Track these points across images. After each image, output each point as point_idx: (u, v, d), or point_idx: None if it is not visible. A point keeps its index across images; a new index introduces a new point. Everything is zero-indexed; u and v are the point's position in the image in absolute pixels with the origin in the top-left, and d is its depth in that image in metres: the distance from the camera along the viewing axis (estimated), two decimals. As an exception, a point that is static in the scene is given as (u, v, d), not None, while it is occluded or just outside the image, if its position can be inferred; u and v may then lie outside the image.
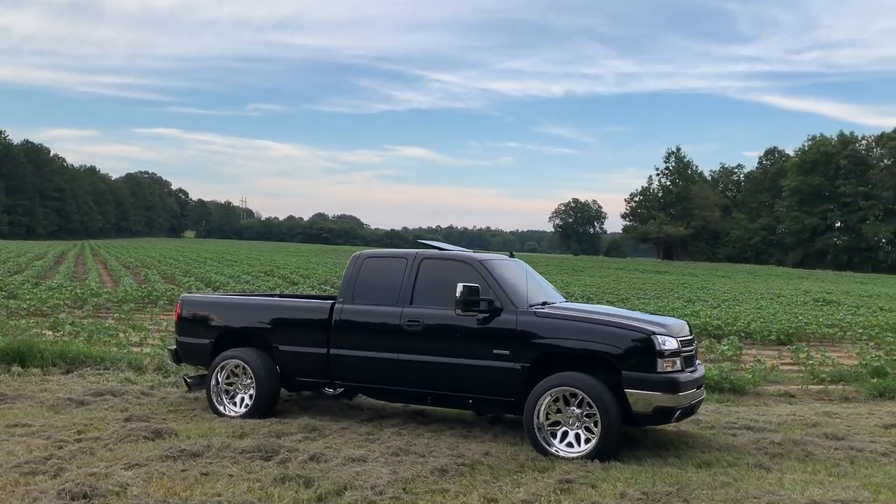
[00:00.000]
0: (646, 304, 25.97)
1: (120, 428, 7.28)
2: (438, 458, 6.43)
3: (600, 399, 6.66)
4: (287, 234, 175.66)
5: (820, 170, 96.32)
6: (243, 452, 6.41)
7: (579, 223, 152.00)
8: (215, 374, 8.43)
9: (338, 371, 8.03)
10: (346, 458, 6.32)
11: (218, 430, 7.42)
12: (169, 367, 10.98)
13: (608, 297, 29.98)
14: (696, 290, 39.02)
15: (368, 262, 8.24)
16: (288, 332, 8.32)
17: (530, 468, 6.37)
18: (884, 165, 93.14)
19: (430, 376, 7.59)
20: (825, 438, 7.81)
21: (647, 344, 6.79)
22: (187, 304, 9.01)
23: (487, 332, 7.33)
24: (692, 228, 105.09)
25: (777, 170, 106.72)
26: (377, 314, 7.91)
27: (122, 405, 8.71)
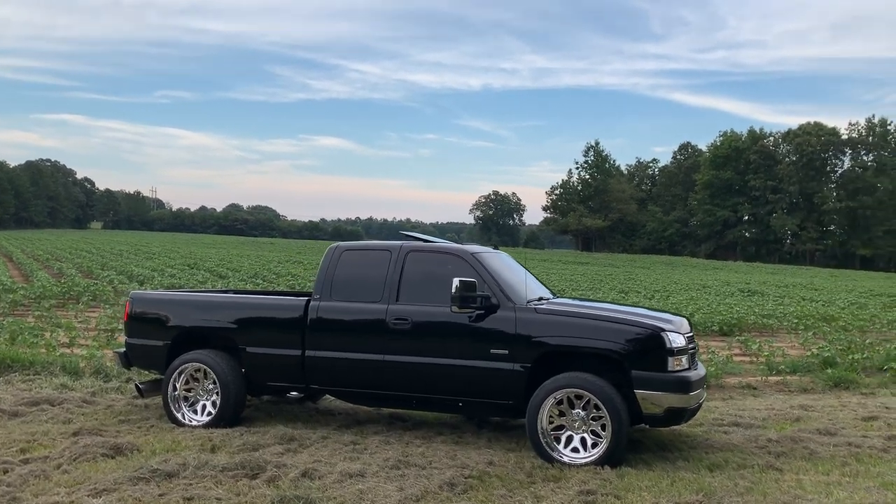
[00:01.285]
0: (590, 296, 26.02)
1: (71, 444, 6.40)
2: (442, 471, 5.88)
3: (610, 401, 6.25)
4: (200, 225, 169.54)
5: (731, 165, 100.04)
6: (224, 470, 5.68)
7: (499, 215, 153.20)
8: (173, 379, 7.61)
9: (314, 374, 7.35)
10: (342, 473, 5.69)
11: (185, 444, 6.64)
12: (110, 371, 10.01)
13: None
14: (624, 282, 39.66)
15: (347, 255, 7.58)
16: (257, 333, 7.58)
17: (542, 478, 5.90)
18: (790, 161, 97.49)
19: (419, 379, 7.02)
20: (818, 434, 7.65)
21: (657, 341, 6.43)
22: (139, 302, 8.12)
23: (484, 331, 6.81)
24: (610, 221, 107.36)
25: (690, 164, 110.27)
26: (359, 312, 7.27)
27: (63, 416, 7.78)
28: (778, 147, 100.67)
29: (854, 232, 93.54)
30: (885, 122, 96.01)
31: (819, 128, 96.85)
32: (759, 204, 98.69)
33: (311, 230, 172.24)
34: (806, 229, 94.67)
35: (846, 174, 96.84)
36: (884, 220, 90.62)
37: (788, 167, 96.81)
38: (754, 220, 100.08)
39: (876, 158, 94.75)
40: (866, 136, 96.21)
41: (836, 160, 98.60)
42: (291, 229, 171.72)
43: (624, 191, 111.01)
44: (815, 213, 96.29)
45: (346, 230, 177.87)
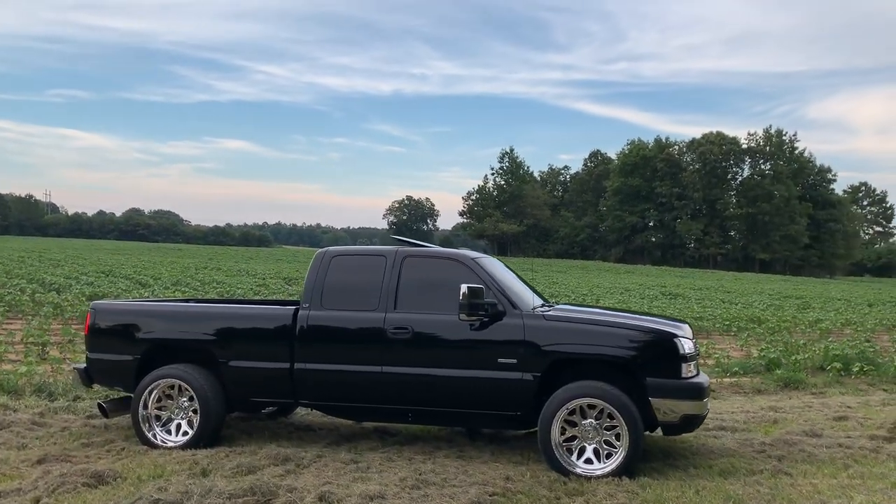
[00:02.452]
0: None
1: (42, 473, 5.74)
2: (464, 489, 5.57)
3: (626, 410, 6.10)
4: (99, 230, 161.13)
5: (639, 172, 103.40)
6: (233, 497, 5.19)
7: (413, 220, 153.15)
8: (143, 397, 6.99)
9: (304, 388, 6.89)
10: (361, 496, 5.29)
11: (170, 468, 6.06)
12: (54, 389, 9.17)
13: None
14: (547, 286, 40.16)
15: (338, 260, 7.15)
16: (240, 345, 7.05)
17: (565, 492, 5.68)
18: (694, 169, 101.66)
19: (421, 391, 6.68)
20: (806, 436, 7.76)
21: (671, 348, 6.33)
22: (102, 313, 7.43)
23: (491, 340, 6.54)
24: (525, 226, 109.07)
25: (600, 171, 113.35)
26: (354, 321, 6.86)
27: (15, 440, 7.02)
28: (683, 155, 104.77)
29: (753, 237, 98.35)
30: (780, 133, 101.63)
31: (721, 137, 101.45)
32: (666, 210, 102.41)
33: (217, 235, 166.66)
34: (709, 234, 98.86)
35: (746, 182, 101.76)
36: (780, 226, 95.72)
37: (693, 175, 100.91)
38: (661, 226, 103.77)
39: (773, 167, 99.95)
40: (764, 146, 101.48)
41: (737, 168, 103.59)
42: (196, 235, 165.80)
43: (538, 197, 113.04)
44: (717, 219, 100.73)
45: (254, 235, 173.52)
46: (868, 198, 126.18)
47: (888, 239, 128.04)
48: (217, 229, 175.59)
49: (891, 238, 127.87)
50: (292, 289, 26.87)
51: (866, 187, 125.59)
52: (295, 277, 32.75)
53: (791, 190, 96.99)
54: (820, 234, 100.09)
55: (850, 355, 13.71)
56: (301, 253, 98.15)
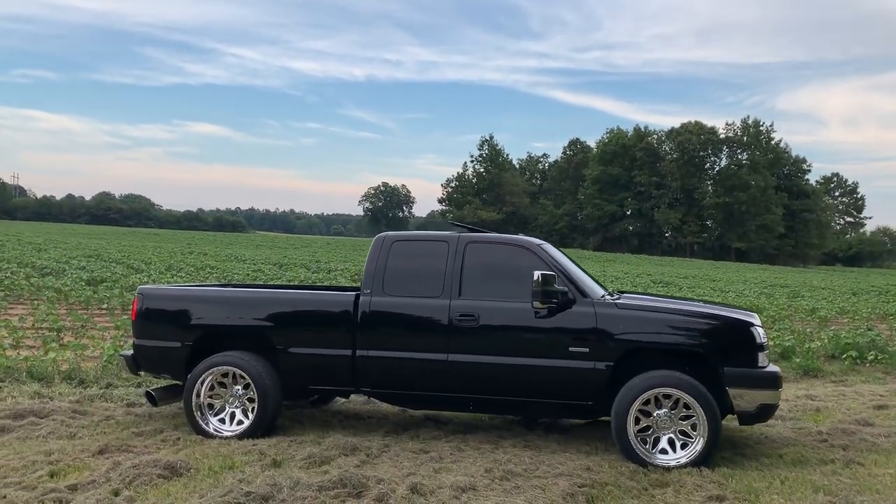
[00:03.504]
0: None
1: (112, 465, 5.51)
2: (552, 480, 5.47)
3: (705, 400, 6.01)
4: (69, 214, 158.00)
5: (618, 161, 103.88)
6: (322, 490, 5.02)
7: (389, 207, 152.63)
8: (197, 385, 6.77)
9: (366, 376, 6.72)
10: (453, 487, 5.15)
11: (238, 459, 5.87)
12: (85, 377, 8.89)
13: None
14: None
15: (398, 246, 6.97)
16: (300, 332, 6.86)
17: (650, 483, 5.58)
18: (672, 158, 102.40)
19: (487, 380, 6.54)
20: (859, 425, 7.74)
21: (748, 337, 6.26)
22: (151, 299, 7.18)
23: (562, 328, 6.41)
24: (504, 213, 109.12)
25: (580, 160, 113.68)
26: (418, 308, 6.70)
27: (63, 430, 6.77)
28: (661, 145, 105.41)
29: (730, 226, 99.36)
30: (758, 124, 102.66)
31: (699, 127, 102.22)
32: (644, 199, 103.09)
33: (190, 220, 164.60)
34: (687, 223, 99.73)
35: (723, 171, 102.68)
36: (756, 216, 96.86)
37: (671, 164, 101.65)
38: (639, 214, 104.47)
39: (750, 157, 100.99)
40: (741, 136, 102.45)
41: (714, 158, 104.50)
42: (169, 219, 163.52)
43: (517, 184, 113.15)
44: (695, 208, 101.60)
45: (227, 220, 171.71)
46: (840, 188, 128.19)
47: (858, 229, 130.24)
48: (190, 214, 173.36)
49: (861, 228, 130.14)
50: (289, 275, 26.53)
51: (838, 178, 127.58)
52: (286, 263, 32.38)
53: (767, 180, 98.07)
54: (794, 223, 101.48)
55: (862, 343, 13.84)
56: (279, 239, 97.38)
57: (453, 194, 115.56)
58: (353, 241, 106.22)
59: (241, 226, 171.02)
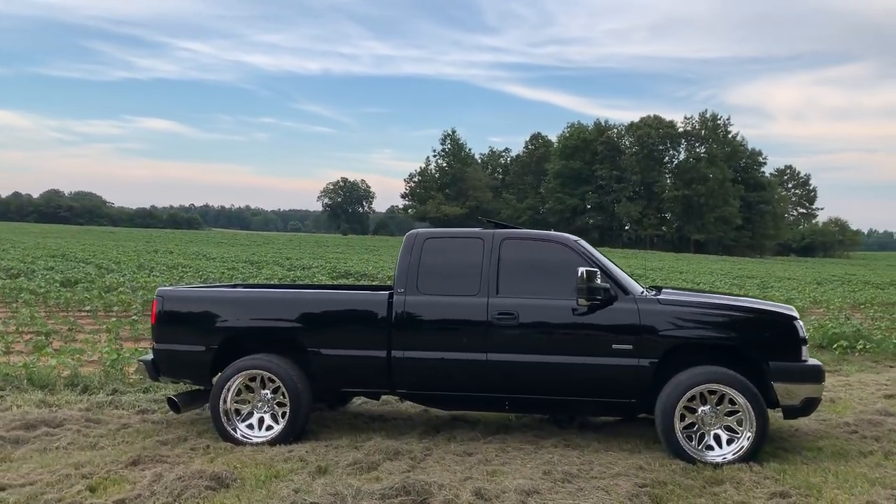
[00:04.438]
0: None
1: (154, 478, 5.23)
2: (612, 481, 5.36)
3: (752, 395, 5.98)
4: (16, 213, 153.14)
5: (579, 155, 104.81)
6: (386, 498, 4.84)
7: (348, 202, 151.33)
8: (224, 390, 6.52)
9: (403, 377, 6.54)
10: (517, 491, 5.01)
11: (284, 467, 5.65)
12: (89, 383, 8.52)
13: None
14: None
15: (431, 243, 6.79)
16: (332, 333, 6.64)
17: (706, 480, 5.51)
18: (632, 152, 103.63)
19: (526, 379, 6.41)
20: (881, 416, 7.80)
21: (792, 331, 6.24)
22: (172, 301, 6.88)
23: (604, 325, 6.32)
24: (467, 208, 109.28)
25: (541, 154, 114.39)
26: (455, 307, 6.54)
27: (84, 441, 6.47)
28: (622, 139, 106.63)
29: (688, 218, 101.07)
30: (715, 117, 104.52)
31: (658, 121, 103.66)
32: (605, 192, 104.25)
33: (143, 218, 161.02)
34: (647, 216, 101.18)
35: (681, 165, 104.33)
36: (714, 208, 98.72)
37: (631, 158, 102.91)
38: (600, 208, 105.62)
39: (708, 150, 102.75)
40: (699, 130, 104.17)
41: (673, 151, 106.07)
42: (122, 217, 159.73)
43: (480, 179, 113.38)
44: (654, 201, 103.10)
45: (182, 218, 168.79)
46: (793, 180, 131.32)
47: (811, 220, 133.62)
48: (143, 211, 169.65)
49: (813, 219, 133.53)
50: (266, 273, 26.05)
51: (791, 170, 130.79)
52: (258, 261, 31.83)
53: (725, 173, 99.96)
54: (751, 215, 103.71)
55: (849, 333, 14.08)
56: (239, 236, 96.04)
57: (416, 189, 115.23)
58: (315, 237, 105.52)
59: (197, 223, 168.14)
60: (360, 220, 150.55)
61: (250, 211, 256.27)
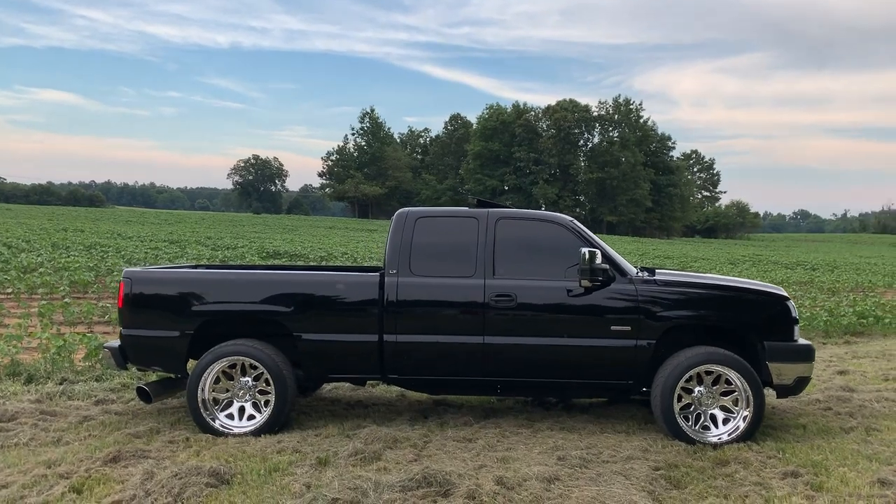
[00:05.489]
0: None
1: (145, 476, 4.79)
2: (626, 465, 5.29)
3: (750, 375, 6.02)
4: None
5: (498, 137, 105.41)
6: (406, 490, 4.58)
7: (260, 180, 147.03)
8: (203, 378, 6.09)
9: (395, 363, 6.26)
10: (538, 478, 4.83)
11: (281, 460, 5.30)
12: (34, 372, 7.86)
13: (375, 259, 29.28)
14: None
15: (423, 223, 6.51)
16: (320, 317, 6.27)
17: (714, 461, 5.47)
18: (550, 135, 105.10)
19: (524, 362, 6.25)
20: (845, 391, 8.07)
21: (786, 310, 6.31)
22: (141, 283, 6.35)
23: (603, 306, 6.21)
24: (387, 188, 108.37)
25: (461, 135, 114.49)
26: (451, 288, 6.29)
27: (45, 436, 5.96)
28: (539, 122, 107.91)
29: (602, 200, 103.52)
30: (628, 102, 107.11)
31: (574, 105, 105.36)
32: (524, 174, 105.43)
33: (40, 194, 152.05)
34: (563, 198, 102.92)
35: (596, 148, 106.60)
36: (626, 191, 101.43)
37: (548, 140, 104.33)
38: (519, 189, 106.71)
39: (621, 134, 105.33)
40: (613, 115, 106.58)
41: (588, 135, 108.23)
42: (17, 193, 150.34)
43: (399, 159, 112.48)
44: (570, 183, 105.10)
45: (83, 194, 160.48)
46: (698, 165, 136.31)
47: (714, 203, 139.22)
48: (39, 187, 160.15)
49: (716, 202, 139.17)
50: (191, 252, 24.98)
51: (696, 155, 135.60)
52: (178, 241, 30.53)
53: (636, 156, 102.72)
54: (660, 198, 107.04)
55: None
56: (148, 214, 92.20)
57: (334, 168, 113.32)
58: (228, 216, 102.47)
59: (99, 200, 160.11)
60: (272, 199, 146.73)
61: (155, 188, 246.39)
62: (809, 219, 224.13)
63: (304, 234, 58.11)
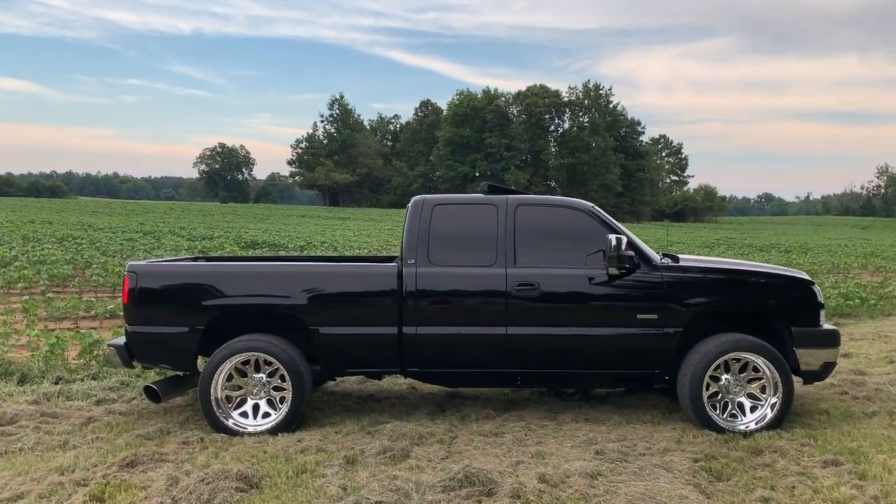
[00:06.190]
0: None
1: (169, 483, 4.53)
2: (665, 458, 5.16)
3: (779, 362, 5.92)
4: None
5: (469, 123, 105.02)
6: (448, 490, 4.40)
7: (227, 169, 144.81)
8: (215, 376, 5.83)
9: (415, 355, 6.05)
10: (581, 474, 4.67)
11: (308, 460, 5.07)
12: (28, 371, 7.50)
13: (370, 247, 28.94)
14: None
15: (440, 210, 6.28)
16: (337, 309, 6.04)
17: (748, 450, 5.37)
18: (520, 121, 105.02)
19: (548, 353, 6.09)
20: (858, 375, 8.05)
21: (812, 295, 6.21)
22: (148, 277, 6.04)
23: (629, 294, 6.07)
24: (358, 175, 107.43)
25: (431, 122, 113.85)
26: (472, 278, 6.09)
27: (51, 440, 5.67)
28: (510, 107, 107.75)
29: (573, 186, 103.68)
30: (598, 88, 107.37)
31: (544, 90, 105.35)
32: (495, 160, 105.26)
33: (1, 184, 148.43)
34: (534, 184, 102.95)
35: (566, 133, 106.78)
36: (597, 175, 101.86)
37: (520, 126, 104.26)
38: (490, 175, 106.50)
39: (591, 120, 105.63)
40: (583, 100, 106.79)
41: (558, 121, 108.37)
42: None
43: (370, 146, 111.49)
44: (542, 169, 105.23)
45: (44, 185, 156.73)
46: (667, 149, 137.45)
47: (682, 187, 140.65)
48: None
49: (685, 186, 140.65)
50: (168, 243, 24.40)
51: (665, 139, 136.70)
52: (152, 231, 29.86)
53: (607, 141, 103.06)
54: (630, 182, 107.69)
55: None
56: (114, 204, 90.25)
57: (304, 156, 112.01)
58: (196, 205, 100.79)
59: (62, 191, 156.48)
60: (239, 188, 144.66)
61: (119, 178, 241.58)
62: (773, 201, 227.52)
63: (277, 222, 57.34)
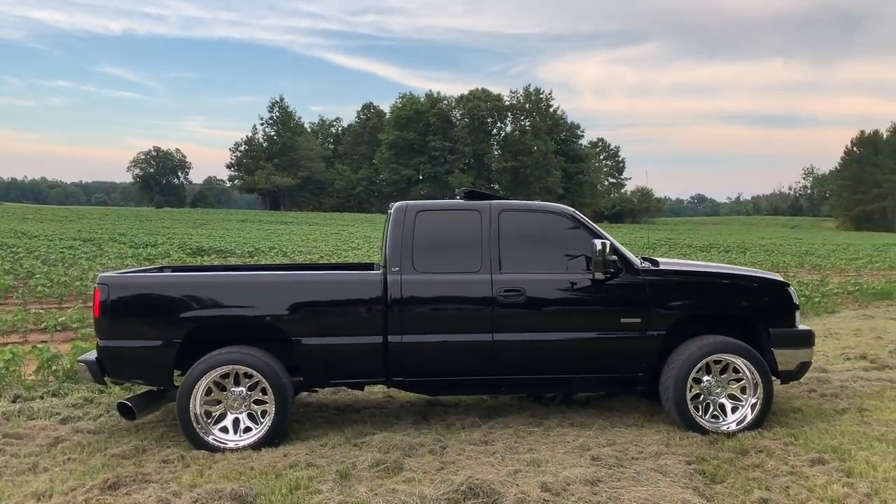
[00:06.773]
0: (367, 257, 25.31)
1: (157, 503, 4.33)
2: (659, 461, 5.18)
3: (759, 363, 6.04)
4: None
5: (413, 126, 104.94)
6: (454, 502, 4.31)
7: (162, 173, 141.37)
8: (194, 390, 5.62)
9: (401, 364, 5.95)
10: (582, 482, 4.66)
11: (300, 476, 4.91)
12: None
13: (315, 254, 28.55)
14: (358, 240, 39.58)
15: (423, 216, 6.20)
16: (320, 319, 5.89)
17: (734, 451, 5.45)
18: (464, 124, 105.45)
19: (534, 359, 6.07)
20: (820, 372, 8.30)
21: (787, 297, 6.36)
22: (120, 288, 5.78)
23: (613, 298, 6.09)
24: (300, 179, 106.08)
25: (374, 125, 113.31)
26: (457, 285, 6.03)
27: (19, 463, 5.38)
28: (452, 111, 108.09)
29: (516, 188, 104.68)
30: (538, 92, 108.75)
31: (486, 94, 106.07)
32: (439, 163, 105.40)
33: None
34: (478, 187, 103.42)
35: (508, 137, 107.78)
36: (539, 178, 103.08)
37: (463, 130, 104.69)
38: (434, 179, 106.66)
39: (532, 123, 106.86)
40: (524, 104, 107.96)
41: (501, 124, 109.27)
42: None
43: (311, 149, 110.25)
44: (485, 172, 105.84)
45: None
46: (605, 152, 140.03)
47: (620, 189, 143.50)
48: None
49: (622, 188, 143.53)
50: (111, 251, 23.58)
51: (603, 142, 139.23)
52: (93, 239, 28.84)
53: (548, 145, 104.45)
54: (571, 185, 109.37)
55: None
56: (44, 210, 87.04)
57: (243, 159, 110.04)
58: (131, 210, 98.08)
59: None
60: (175, 192, 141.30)
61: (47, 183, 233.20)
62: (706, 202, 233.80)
63: (217, 227, 56.19)
